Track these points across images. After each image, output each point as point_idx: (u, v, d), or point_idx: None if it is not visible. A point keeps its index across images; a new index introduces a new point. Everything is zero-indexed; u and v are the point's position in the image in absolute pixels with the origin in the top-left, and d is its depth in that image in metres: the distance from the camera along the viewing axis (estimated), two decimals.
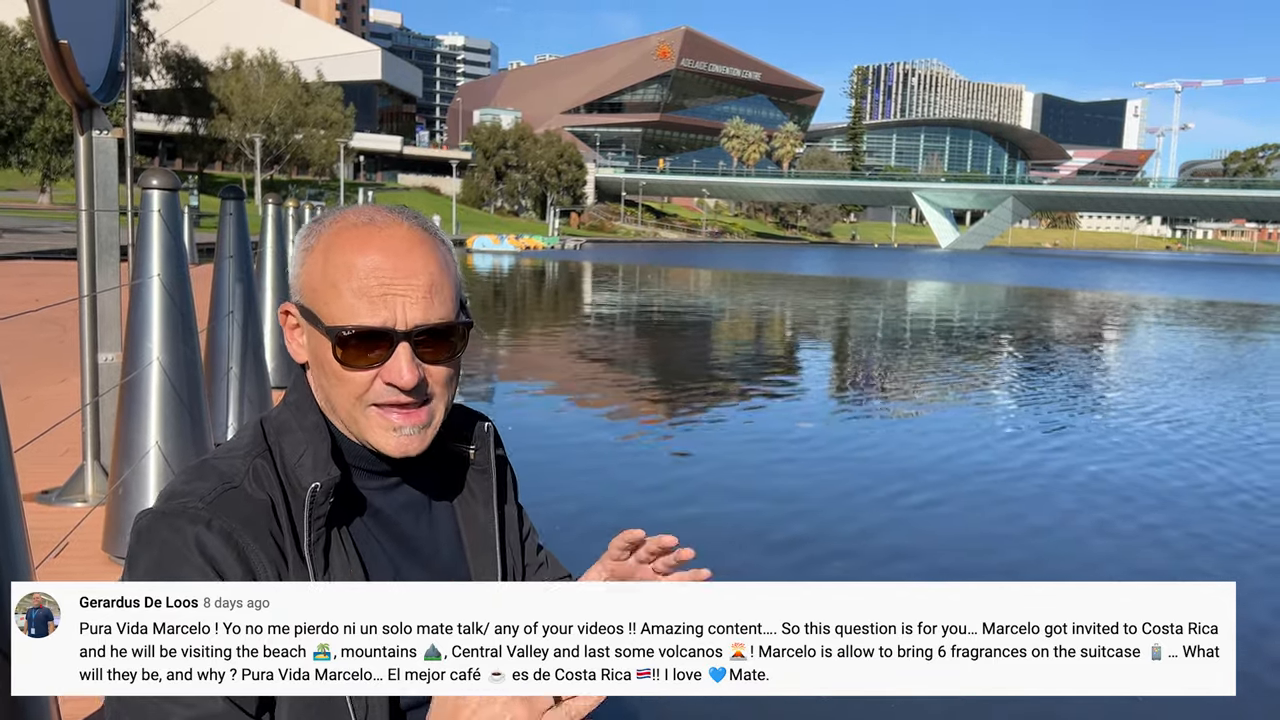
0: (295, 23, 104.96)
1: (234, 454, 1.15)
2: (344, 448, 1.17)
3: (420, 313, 1.10)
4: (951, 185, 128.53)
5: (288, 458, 1.13)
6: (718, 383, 13.79)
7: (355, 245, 1.11)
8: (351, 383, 1.11)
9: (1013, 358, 17.75)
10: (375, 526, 1.18)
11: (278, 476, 1.12)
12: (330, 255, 1.12)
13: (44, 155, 48.23)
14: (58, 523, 4.27)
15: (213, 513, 1.05)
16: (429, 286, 1.11)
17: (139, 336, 3.80)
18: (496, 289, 32.97)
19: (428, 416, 1.15)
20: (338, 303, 1.10)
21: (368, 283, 1.09)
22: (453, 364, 1.16)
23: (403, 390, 1.11)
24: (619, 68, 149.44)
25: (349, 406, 1.13)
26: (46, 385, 7.88)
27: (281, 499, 1.10)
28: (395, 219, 1.14)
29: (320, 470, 1.11)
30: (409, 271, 1.10)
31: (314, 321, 1.13)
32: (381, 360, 1.10)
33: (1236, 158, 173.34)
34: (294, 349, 1.19)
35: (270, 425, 1.18)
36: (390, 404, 1.12)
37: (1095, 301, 36.18)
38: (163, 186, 3.72)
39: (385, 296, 1.09)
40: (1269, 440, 10.25)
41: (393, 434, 1.13)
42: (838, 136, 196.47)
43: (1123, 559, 6.32)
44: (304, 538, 1.09)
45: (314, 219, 1.18)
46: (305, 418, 1.17)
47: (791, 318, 25.94)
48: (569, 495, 7.21)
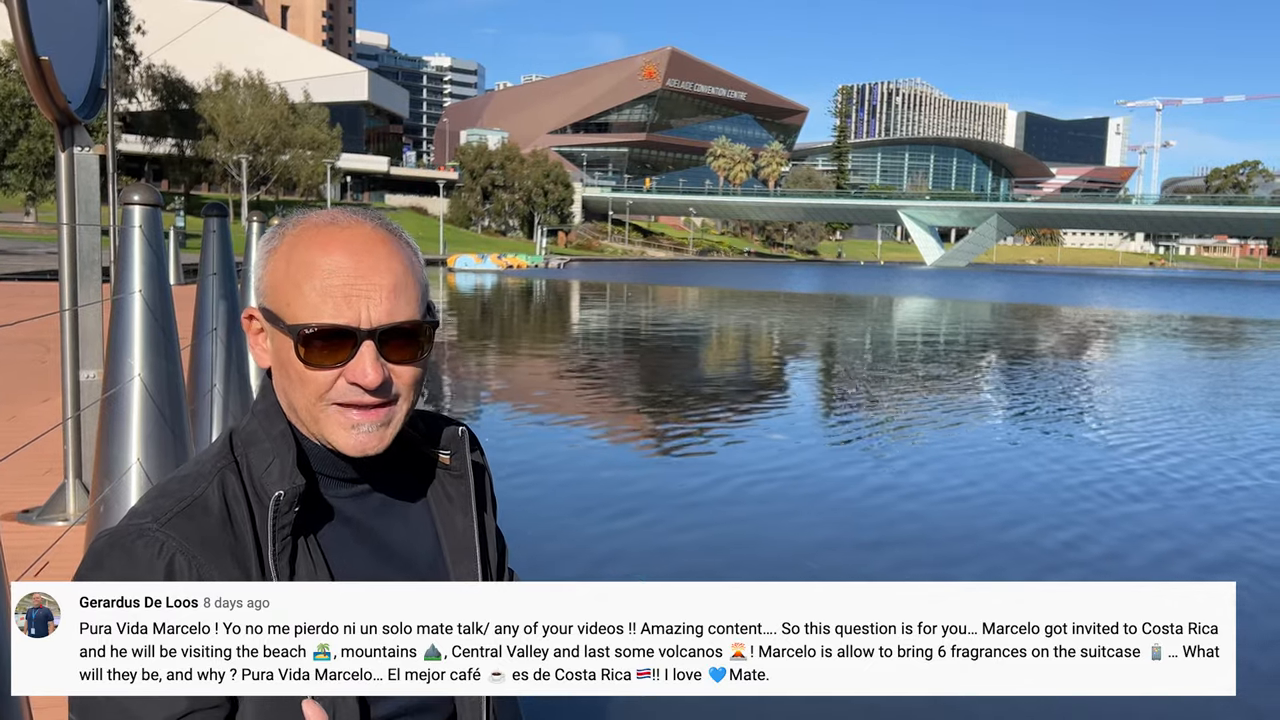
0: (282, 44, 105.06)
1: (201, 466, 1.14)
2: (312, 455, 1.16)
3: (384, 312, 1.09)
4: (936, 203, 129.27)
5: (255, 468, 1.12)
6: (721, 411, 13.78)
7: (318, 245, 1.10)
8: (314, 382, 1.10)
9: (1037, 382, 17.80)
10: (348, 534, 1.16)
11: (244, 489, 1.11)
12: (293, 255, 1.11)
13: (28, 177, 48.05)
14: (38, 541, 4.23)
15: (167, 534, 1.04)
16: (393, 286, 1.11)
17: (120, 352, 3.78)
18: (472, 309, 32.94)
19: (387, 416, 1.13)
20: (300, 302, 1.09)
21: (331, 282, 1.09)
22: (418, 364, 1.15)
23: (366, 390, 1.10)
24: (605, 88, 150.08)
25: (309, 405, 1.12)
26: (31, 405, 7.83)
27: (246, 512, 1.09)
28: (358, 219, 1.14)
29: (285, 479, 1.09)
30: (372, 270, 1.10)
31: (276, 322, 1.12)
32: (345, 360, 1.09)
33: (1218, 174, 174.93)
34: (258, 354, 1.18)
35: (239, 437, 1.17)
36: (352, 403, 1.11)
37: (1095, 318, 36.31)
38: (144, 202, 3.71)
39: (349, 296, 1.08)
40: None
41: (351, 431, 1.12)
42: (823, 155, 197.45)
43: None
44: (267, 548, 1.07)
45: (278, 223, 1.18)
46: (273, 426, 1.15)
47: (807, 335, 25.96)
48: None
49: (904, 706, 4.03)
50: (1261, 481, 9.12)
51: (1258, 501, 8.40)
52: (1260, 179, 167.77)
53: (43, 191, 48.54)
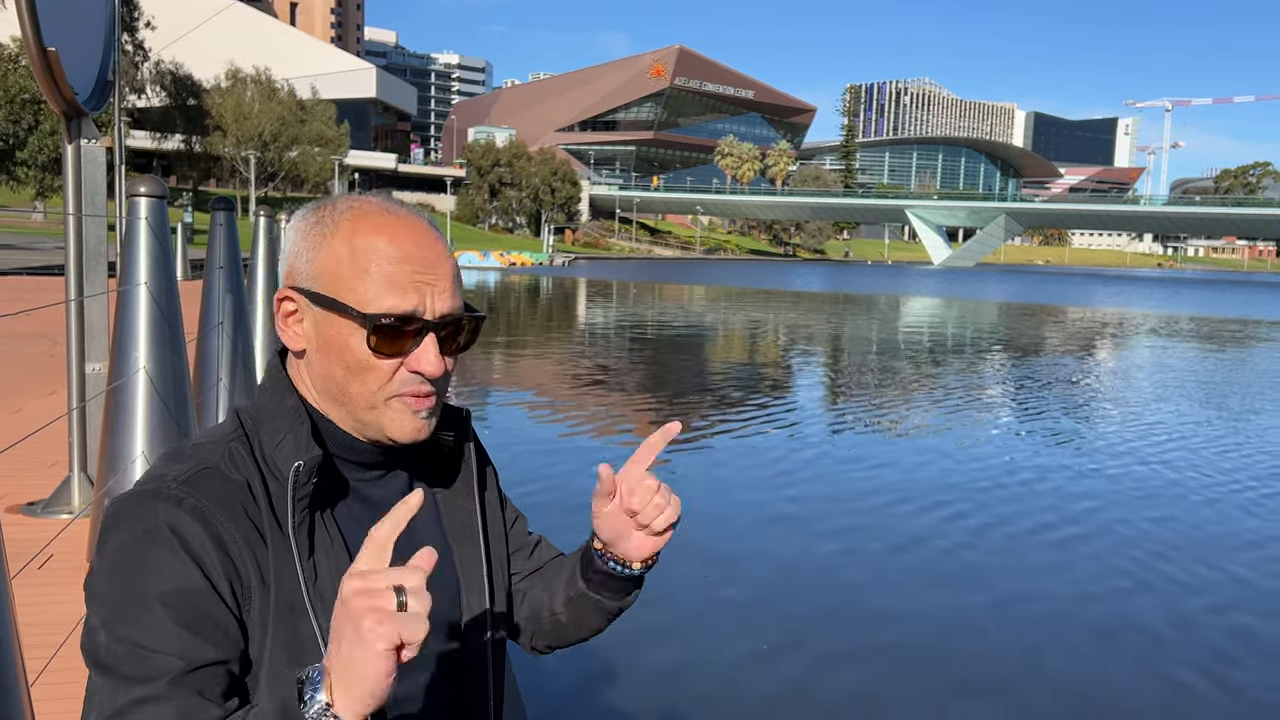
0: (290, 41, 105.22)
1: (210, 438, 1.12)
2: (327, 436, 1.14)
3: (446, 303, 1.11)
4: (944, 203, 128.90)
5: (266, 443, 1.10)
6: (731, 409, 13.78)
7: (385, 231, 1.10)
8: (377, 370, 1.09)
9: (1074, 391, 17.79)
10: (362, 512, 1.15)
11: (255, 462, 1.09)
12: (355, 241, 1.09)
13: (37, 173, 48.15)
14: (43, 534, 4.22)
15: (185, 491, 1.03)
16: (451, 277, 1.13)
17: (125, 345, 3.77)
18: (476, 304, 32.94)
19: (438, 405, 1.15)
20: (368, 289, 1.08)
21: (400, 269, 1.08)
22: (456, 357, 1.16)
23: (429, 379, 1.11)
24: (613, 86, 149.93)
25: (370, 395, 1.11)
26: (37, 398, 7.84)
27: (260, 482, 1.08)
28: (410, 212, 1.15)
29: (302, 451, 1.08)
30: (434, 261, 1.11)
31: (336, 308, 1.09)
32: (409, 349, 1.09)
33: (1227, 175, 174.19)
34: (289, 336, 1.14)
35: (247, 414, 1.15)
36: (410, 393, 1.11)
37: (1113, 319, 36.15)
38: (151, 194, 3.70)
39: (417, 284, 1.09)
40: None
41: (411, 418, 1.12)
42: (831, 154, 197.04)
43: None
44: (288, 518, 1.06)
45: (315, 205, 1.16)
46: (283, 402, 1.13)
47: (823, 335, 25.94)
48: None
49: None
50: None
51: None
52: (1270, 180, 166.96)
53: (52, 187, 48.65)
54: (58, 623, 3.23)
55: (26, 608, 2.20)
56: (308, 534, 1.08)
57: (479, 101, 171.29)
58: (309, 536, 1.08)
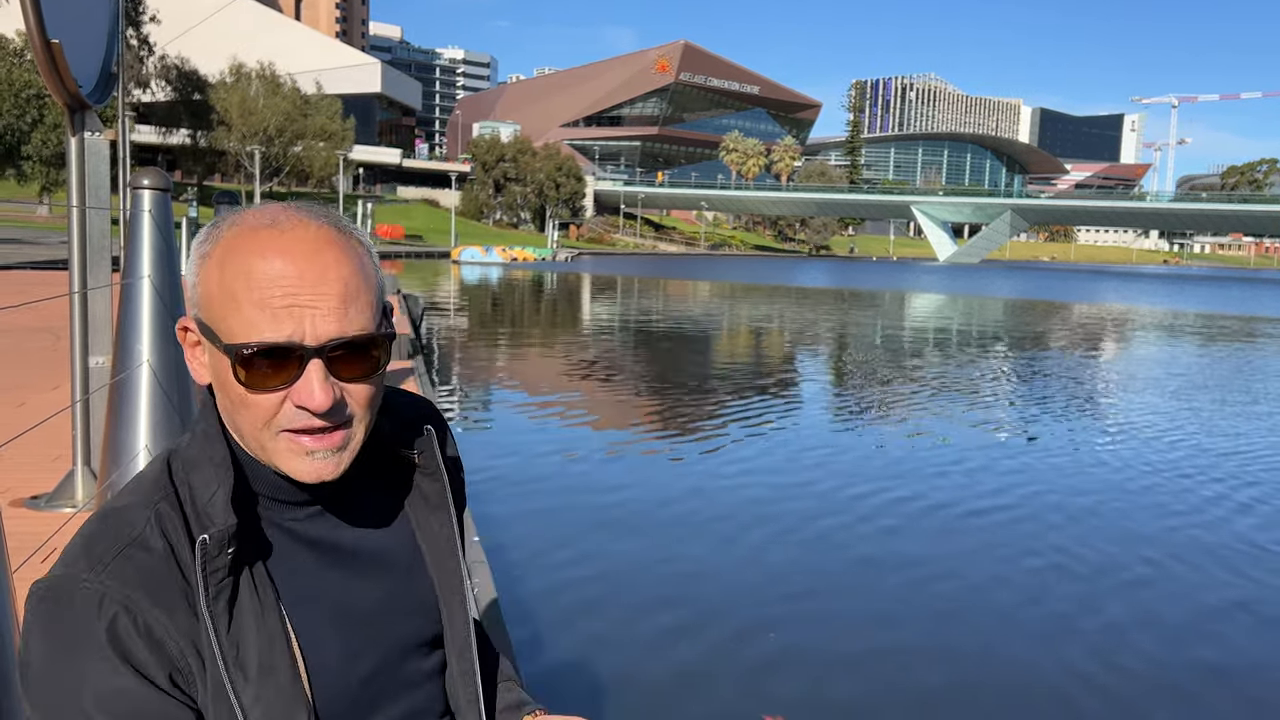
0: (295, 35, 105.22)
1: (136, 497, 1.03)
2: (259, 480, 1.07)
3: (333, 325, 0.98)
4: (949, 199, 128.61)
5: (199, 497, 1.02)
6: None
7: (255, 250, 0.98)
8: (257, 407, 0.99)
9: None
10: (308, 557, 1.08)
11: (185, 520, 1.01)
12: (227, 262, 0.99)
13: (42, 167, 48.26)
14: (46, 528, 4.21)
15: (106, 584, 0.95)
16: (342, 295, 0.99)
17: (129, 338, 3.76)
18: (481, 301, 32.96)
19: (344, 440, 1.02)
20: (236, 317, 0.97)
21: (270, 293, 0.96)
22: (374, 381, 1.03)
23: (315, 414, 0.99)
24: (618, 81, 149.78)
25: (255, 433, 1.01)
26: (40, 392, 7.84)
27: (187, 546, 0.99)
28: (302, 218, 1.01)
29: (219, 516, 1.00)
30: (318, 278, 0.98)
31: (212, 338, 1.00)
32: (290, 380, 0.98)
33: (1234, 172, 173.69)
34: (195, 369, 1.06)
35: (178, 461, 1.06)
36: (302, 429, 1.00)
37: (1120, 315, 36.05)
38: (154, 186, 3.69)
39: (290, 308, 0.97)
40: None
41: (305, 459, 1.01)
42: (836, 150, 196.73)
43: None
44: (200, 595, 0.97)
45: (212, 221, 1.05)
46: (215, 450, 1.04)
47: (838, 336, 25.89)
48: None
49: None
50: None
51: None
52: (1277, 177, 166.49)
53: (57, 181, 48.75)
54: None
55: None
56: (227, 603, 1.00)
57: (484, 97, 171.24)
58: (229, 605, 1.00)
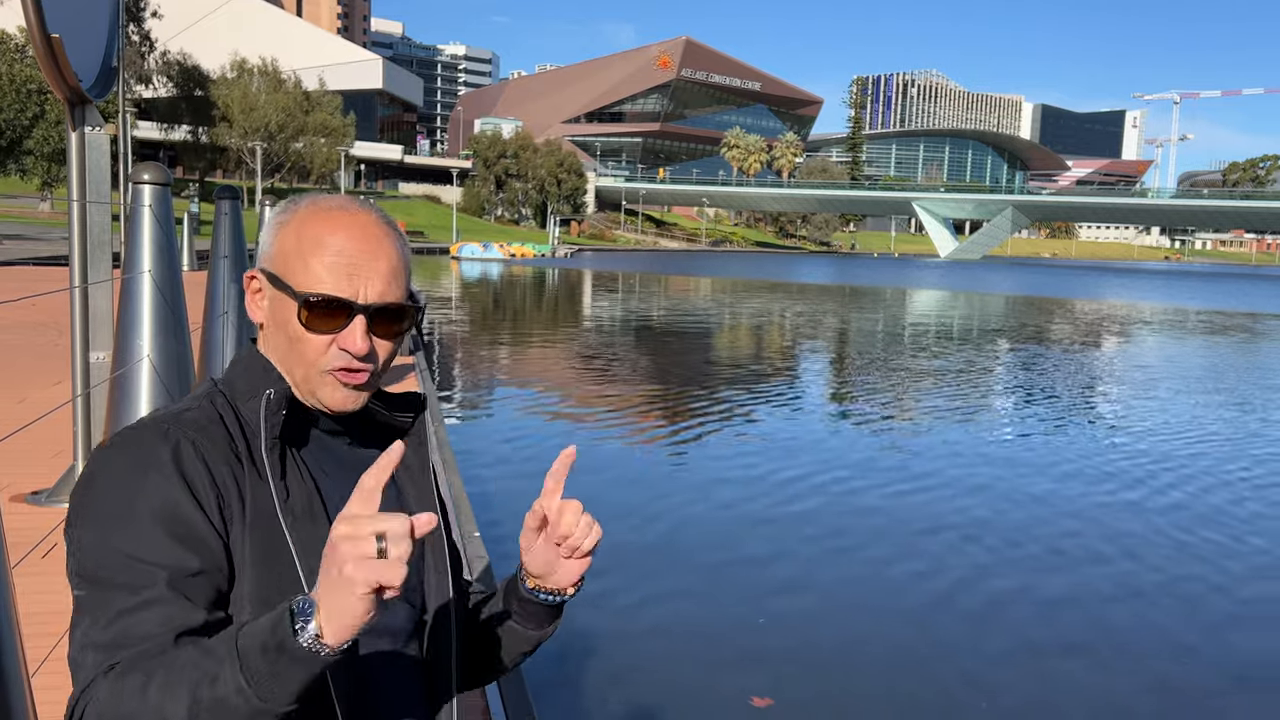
0: (297, 31, 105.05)
1: (188, 398, 1.27)
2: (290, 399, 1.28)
3: (378, 292, 1.25)
4: (951, 195, 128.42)
5: (240, 398, 1.24)
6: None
7: (327, 226, 1.25)
8: (310, 345, 1.24)
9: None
10: (332, 462, 1.28)
11: (233, 410, 1.23)
12: (304, 230, 1.25)
13: (44, 163, 48.13)
14: (46, 523, 4.21)
15: (171, 423, 1.17)
16: (389, 271, 1.26)
17: (129, 333, 3.75)
18: (480, 298, 32.95)
19: (368, 380, 1.27)
20: (306, 273, 1.23)
21: (337, 260, 1.23)
22: (396, 341, 1.31)
23: (355, 356, 1.24)
24: (619, 77, 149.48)
25: (305, 369, 1.25)
26: (41, 388, 7.84)
27: (235, 423, 1.21)
28: (364, 208, 1.29)
29: (277, 387, 1.23)
30: (372, 255, 1.25)
31: (282, 287, 1.25)
32: (339, 328, 1.24)
33: (1236, 168, 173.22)
34: (253, 310, 1.30)
35: (222, 380, 1.29)
36: (340, 368, 1.25)
37: (1121, 313, 36.00)
38: (154, 181, 3.68)
39: (351, 275, 1.23)
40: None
41: (341, 390, 1.26)
42: (837, 146, 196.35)
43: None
44: (262, 440, 1.20)
45: (289, 199, 1.31)
46: (255, 364, 1.28)
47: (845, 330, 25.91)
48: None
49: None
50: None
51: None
52: (1279, 173, 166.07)
53: (58, 177, 48.64)
54: (59, 612, 3.21)
55: (28, 597, 2.19)
56: (279, 459, 1.21)
57: (485, 93, 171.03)
58: (280, 461, 1.21)
